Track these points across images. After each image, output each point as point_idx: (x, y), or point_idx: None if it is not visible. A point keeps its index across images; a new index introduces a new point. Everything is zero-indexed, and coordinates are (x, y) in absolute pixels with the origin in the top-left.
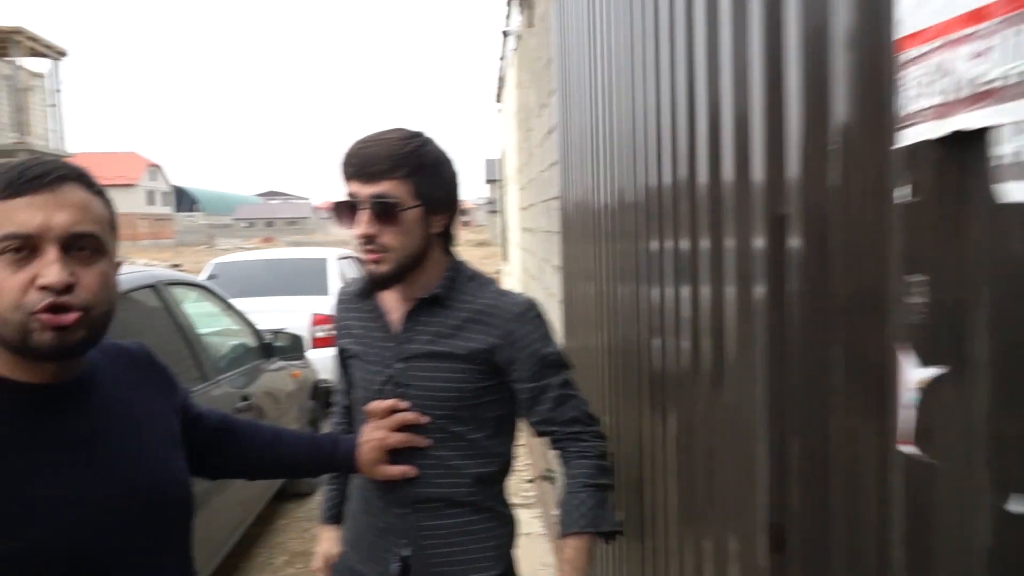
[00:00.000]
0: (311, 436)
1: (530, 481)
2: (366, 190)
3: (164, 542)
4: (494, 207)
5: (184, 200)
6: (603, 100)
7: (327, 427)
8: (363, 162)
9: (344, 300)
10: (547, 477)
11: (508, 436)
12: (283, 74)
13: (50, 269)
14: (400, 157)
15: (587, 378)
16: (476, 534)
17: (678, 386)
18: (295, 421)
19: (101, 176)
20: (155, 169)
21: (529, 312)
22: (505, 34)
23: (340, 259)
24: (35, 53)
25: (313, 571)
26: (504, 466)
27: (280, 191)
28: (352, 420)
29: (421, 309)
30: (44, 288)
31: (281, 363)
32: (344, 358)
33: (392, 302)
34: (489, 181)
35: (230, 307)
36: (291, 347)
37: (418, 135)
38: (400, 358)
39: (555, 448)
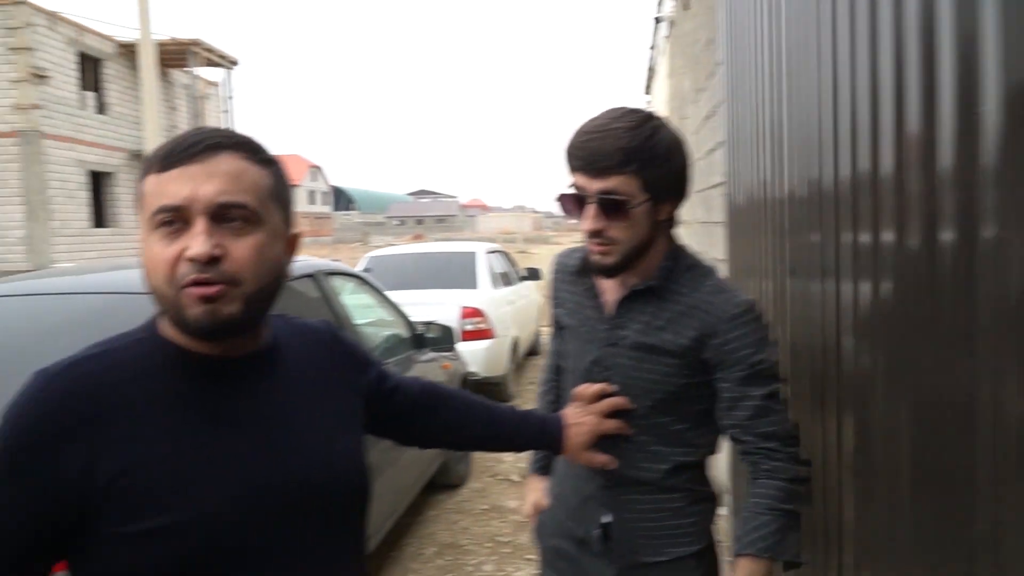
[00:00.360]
0: (520, 413)
1: None
2: (594, 185)
3: (329, 526)
4: None
5: (341, 199)
6: (790, 72)
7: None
8: (591, 156)
9: (560, 271)
10: None
11: (711, 428)
12: (433, 74)
13: (195, 241)
14: (630, 151)
15: None
16: (675, 511)
17: (895, 395)
18: None
19: None
20: (316, 170)
21: (745, 315)
22: (657, 20)
23: (489, 253)
24: (210, 63)
25: (525, 517)
26: (705, 454)
27: (430, 190)
28: (561, 384)
29: (636, 297)
30: (191, 260)
31: (432, 354)
32: (557, 327)
33: (608, 282)
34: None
35: (384, 298)
36: (442, 338)
37: (648, 120)
38: (609, 343)
39: (745, 461)
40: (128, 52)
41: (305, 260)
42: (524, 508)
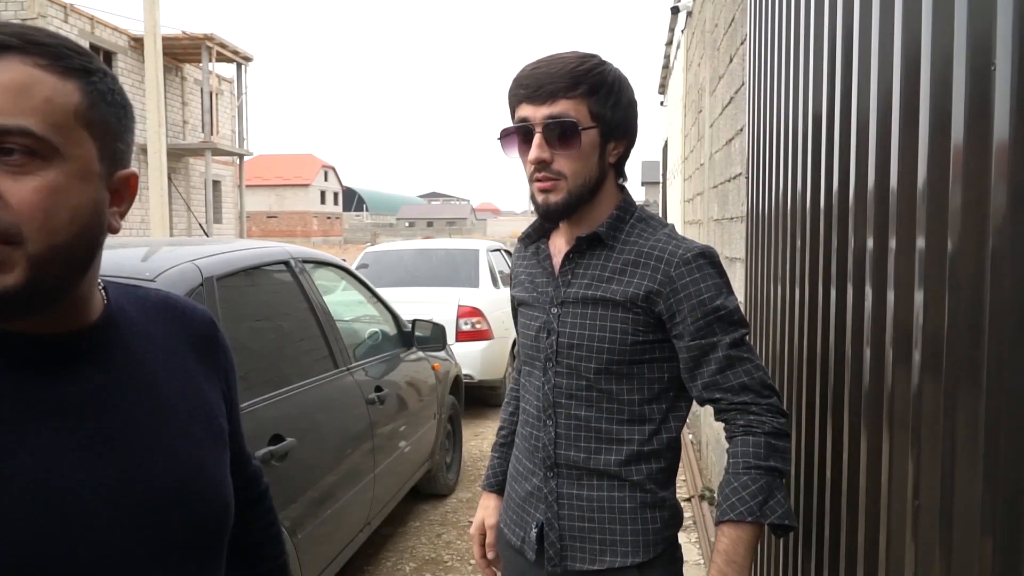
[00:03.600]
0: None
1: (686, 500)
2: (541, 112)
3: (185, 560)
4: (649, 209)
5: (353, 200)
6: (845, 40)
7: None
8: (538, 82)
9: (517, 249)
10: (706, 497)
11: (670, 404)
12: (446, 76)
13: None
14: (579, 75)
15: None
16: (619, 512)
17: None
18: (433, 417)
19: (280, 176)
20: (328, 170)
21: (700, 259)
22: (675, 10)
23: (491, 251)
24: (223, 59)
25: (470, 538)
26: (665, 440)
27: (442, 192)
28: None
29: (582, 250)
30: None
31: (420, 354)
32: (515, 308)
33: (560, 244)
34: (644, 184)
35: (371, 291)
36: (432, 337)
37: (595, 55)
38: (557, 303)
39: (719, 419)
40: (140, 46)
41: (278, 244)
42: (472, 527)
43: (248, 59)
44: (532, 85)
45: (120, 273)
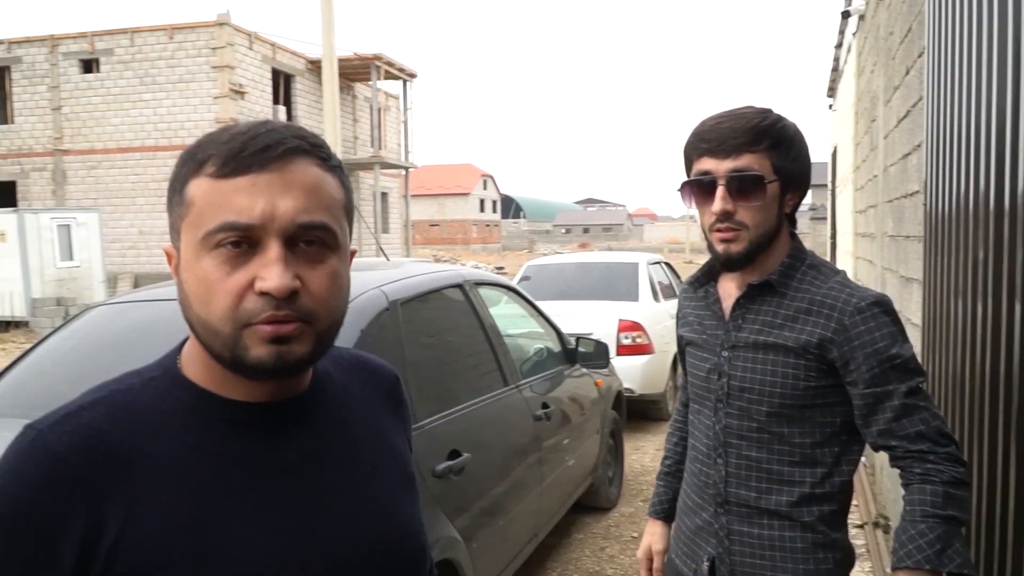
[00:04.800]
0: None
1: (859, 527)
2: (724, 165)
3: None
4: (816, 213)
5: (511, 208)
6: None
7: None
8: (722, 137)
9: (686, 289)
10: (880, 524)
11: (843, 448)
12: (604, 81)
13: (271, 271)
14: (761, 130)
15: (957, 425)
16: (790, 552)
17: None
18: (596, 432)
19: (442, 186)
20: (487, 179)
21: (874, 308)
22: (845, 15)
23: (651, 264)
24: (390, 76)
25: (636, 562)
26: (838, 484)
27: (597, 198)
28: (687, 418)
29: (753, 296)
30: (264, 294)
31: (584, 370)
32: (682, 346)
33: (729, 288)
34: (811, 186)
35: (536, 310)
36: (595, 354)
37: (772, 111)
38: (727, 346)
39: (896, 466)
40: (316, 68)
41: (454, 268)
42: (638, 552)
43: (412, 75)
44: (715, 139)
45: None
